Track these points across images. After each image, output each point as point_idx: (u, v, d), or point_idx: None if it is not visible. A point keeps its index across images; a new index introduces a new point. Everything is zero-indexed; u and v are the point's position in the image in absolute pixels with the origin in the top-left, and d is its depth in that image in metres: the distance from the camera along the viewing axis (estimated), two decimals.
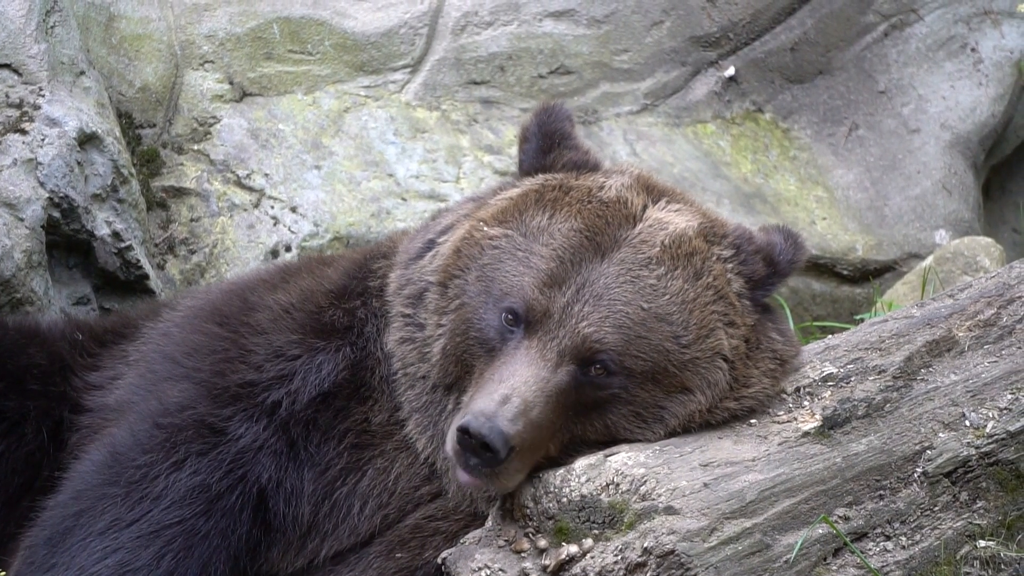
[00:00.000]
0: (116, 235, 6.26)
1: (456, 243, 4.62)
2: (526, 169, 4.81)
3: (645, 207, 4.59)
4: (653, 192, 4.67)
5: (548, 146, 4.79)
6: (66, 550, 4.41)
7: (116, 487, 4.47)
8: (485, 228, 4.61)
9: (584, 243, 4.47)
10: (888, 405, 4.47)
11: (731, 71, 8.36)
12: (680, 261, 4.47)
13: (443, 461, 4.56)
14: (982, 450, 4.42)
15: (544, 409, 4.27)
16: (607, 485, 4.24)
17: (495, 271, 4.49)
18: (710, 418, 4.43)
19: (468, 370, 4.47)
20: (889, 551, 4.32)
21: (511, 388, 4.26)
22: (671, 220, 4.56)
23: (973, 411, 4.47)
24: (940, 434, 4.44)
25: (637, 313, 4.37)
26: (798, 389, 4.54)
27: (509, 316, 4.40)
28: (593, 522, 4.23)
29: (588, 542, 4.22)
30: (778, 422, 4.45)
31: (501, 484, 4.32)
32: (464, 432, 4.20)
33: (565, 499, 4.27)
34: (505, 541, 4.35)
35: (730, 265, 4.54)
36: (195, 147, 7.12)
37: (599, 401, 4.37)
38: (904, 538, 4.34)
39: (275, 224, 7.01)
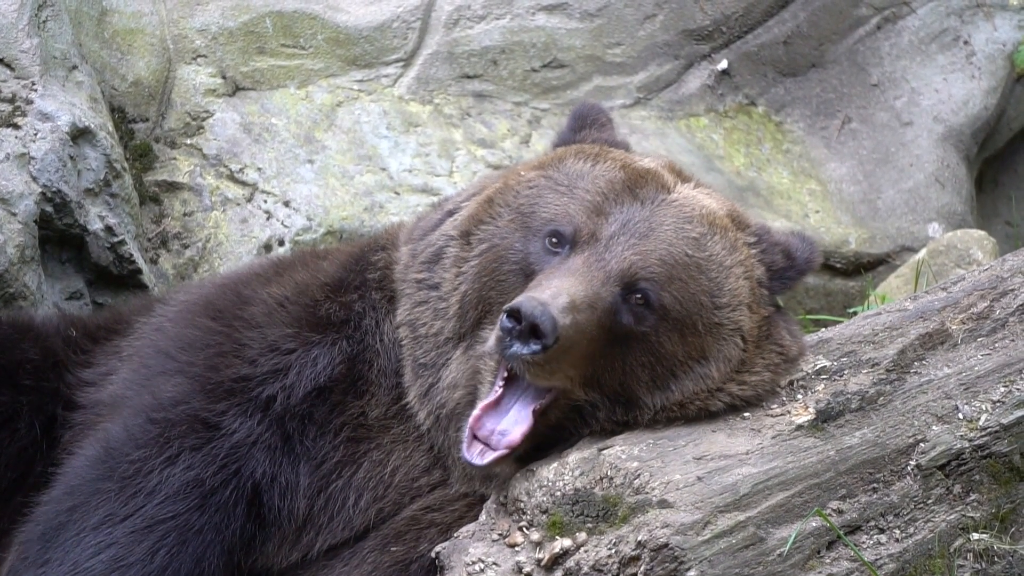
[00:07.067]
0: (109, 230, 6.25)
1: (488, 194, 4.66)
2: (556, 143, 4.92)
3: (676, 184, 4.66)
4: (682, 176, 4.75)
5: (581, 126, 4.92)
6: (60, 545, 4.40)
7: (109, 482, 4.46)
8: (522, 174, 4.65)
9: (627, 191, 4.52)
10: (881, 398, 4.48)
11: (724, 64, 8.35)
12: (717, 230, 4.54)
13: (445, 435, 4.54)
14: (975, 443, 4.42)
15: (589, 318, 4.24)
16: (601, 479, 4.24)
17: (534, 207, 4.53)
18: (710, 403, 4.45)
19: (490, 308, 4.45)
20: (883, 544, 4.32)
21: (559, 287, 4.22)
22: (702, 199, 4.63)
23: (966, 404, 4.48)
24: (933, 427, 4.44)
25: (682, 257, 4.43)
26: (791, 382, 4.55)
27: (553, 239, 4.42)
28: (587, 515, 4.23)
29: (582, 536, 4.22)
30: (771, 415, 4.45)
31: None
32: (513, 314, 4.14)
33: (559, 493, 4.27)
34: (499, 535, 4.34)
35: (754, 251, 4.61)
36: (188, 141, 7.10)
37: (629, 337, 4.35)
38: (898, 531, 4.35)
39: (268, 218, 7.00)
